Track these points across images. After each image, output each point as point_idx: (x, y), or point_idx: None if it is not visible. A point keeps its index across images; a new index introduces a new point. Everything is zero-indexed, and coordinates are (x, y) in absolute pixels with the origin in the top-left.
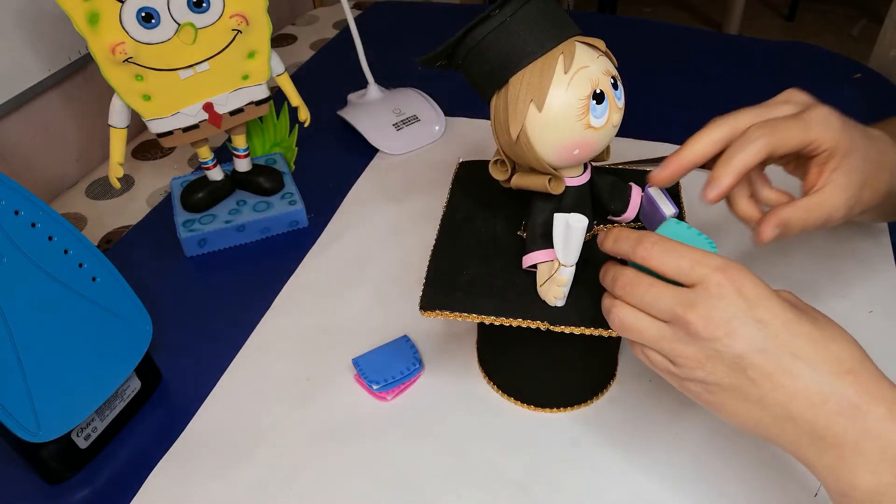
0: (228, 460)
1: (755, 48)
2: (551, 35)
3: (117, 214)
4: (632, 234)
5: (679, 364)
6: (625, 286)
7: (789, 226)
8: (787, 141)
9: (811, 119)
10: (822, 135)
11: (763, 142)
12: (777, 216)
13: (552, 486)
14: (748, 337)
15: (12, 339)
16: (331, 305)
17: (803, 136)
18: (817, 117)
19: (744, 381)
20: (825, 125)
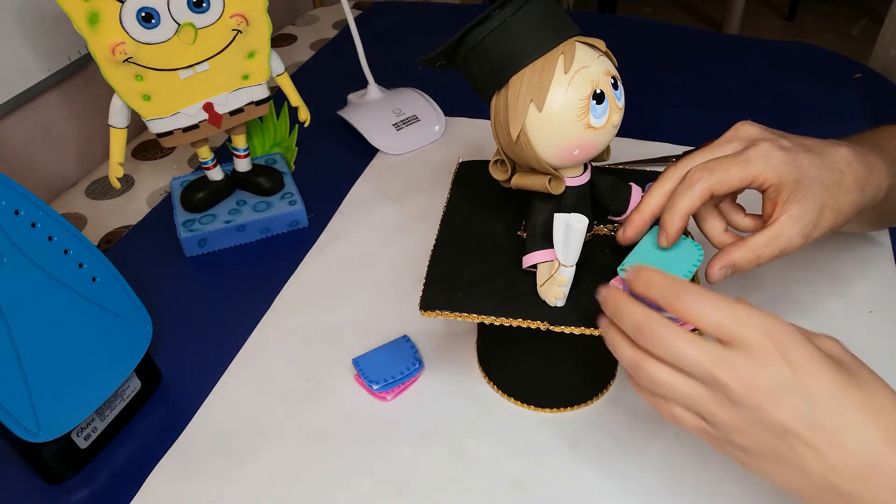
0: (228, 460)
1: (755, 48)
2: (551, 35)
3: (117, 214)
4: (666, 281)
5: (715, 426)
6: (653, 338)
7: (737, 266)
8: (726, 181)
9: (751, 157)
10: (764, 171)
11: (702, 185)
12: (724, 258)
13: (552, 486)
14: (793, 407)
15: (12, 339)
16: (331, 305)
17: (743, 175)
18: (757, 154)
19: (787, 450)
20: (766, 161)
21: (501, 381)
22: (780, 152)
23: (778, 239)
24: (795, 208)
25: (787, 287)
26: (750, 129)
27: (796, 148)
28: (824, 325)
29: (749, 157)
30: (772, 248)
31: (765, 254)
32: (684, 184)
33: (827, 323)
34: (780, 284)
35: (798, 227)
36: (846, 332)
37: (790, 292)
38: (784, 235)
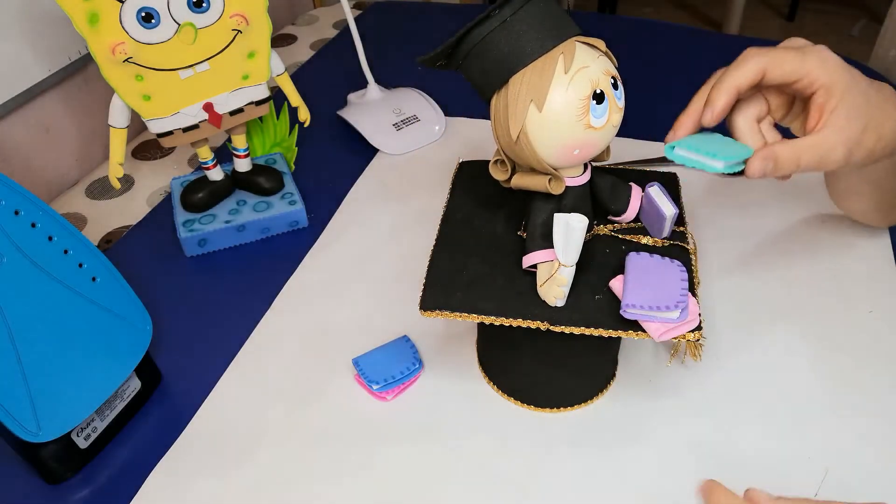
0: (228, 460)
1: None
2: (551, 35)
3: (117, 214)
4: None
5: None
6: None
7: (779, 162)
8: (780, 65)
9: (808, 52)
10: (818, 68)
11: (756, 61)
12: (768, 150)
13: (552, 486)
14: None
15: (12, 339)
16: (331, 305)
17: (798, 65)
18: (814, 51)
19: None
20: (821, 60)
21: (501, 381)
22: (836, 58)
23: (821, 145)
24: (841, 119)
25: (788, 287)
26: (804, 40)
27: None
28: (824, 325)
29: (806, 52)
30: (812, 152)
31: (804, 157)
32: (738, 61)
33: (827, 323)
34: (780, 284)
35: (842, 137)
36: (846, 332)
37: (790, 292)
38: (827, 142)
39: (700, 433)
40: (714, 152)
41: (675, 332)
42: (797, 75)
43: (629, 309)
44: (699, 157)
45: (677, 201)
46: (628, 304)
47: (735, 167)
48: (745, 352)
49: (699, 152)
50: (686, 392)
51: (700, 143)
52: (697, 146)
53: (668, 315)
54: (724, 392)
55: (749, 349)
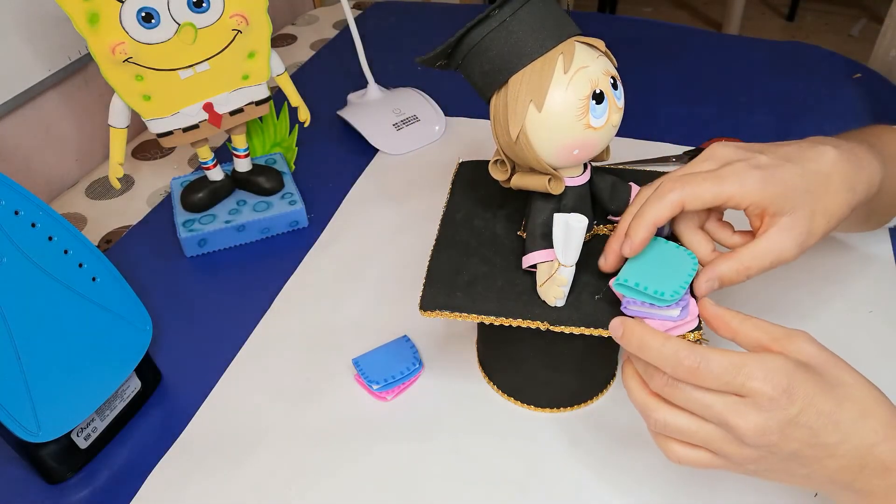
0: (228, 460)
1: (755, 48)
2: (551, 35)
3: (117, 214)
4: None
5: (727, 459)
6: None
7: (724, 279)
8: (699, 195)
9: (724, 175)
10: (738, 190)
11: (674, 196)
12: (711, 270)
13: (552, 486)
14: (800, 439)
15: (12, 339)
16: (331, 305)
17: (717, 191)
18: (730, 173)
19: (794, 465)
20: (740, 181)
21: (501, 381)
22: (755, 172)
23: (768, 250)
24: (785, 219)
25: (788, 287)
26: (724, 150)
27: (774, 162)
28: (824, 325)
29: (722, 175)
30: (761, 259)
31: (754, 266)
32: (656, 194)
33: (827, 323)
34: (780, 285)
35: (791, 236)
36: (846, 332)
37: (790, 293)
38: (775, 247)
39: None
40: (659, 289)
41: (674, 332)
42: (717, 201)
43: (630, 306)
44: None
45: None
46: (629, 302)
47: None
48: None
49: (647, 290)
50: None
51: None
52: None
53: (668, 313)
54: None
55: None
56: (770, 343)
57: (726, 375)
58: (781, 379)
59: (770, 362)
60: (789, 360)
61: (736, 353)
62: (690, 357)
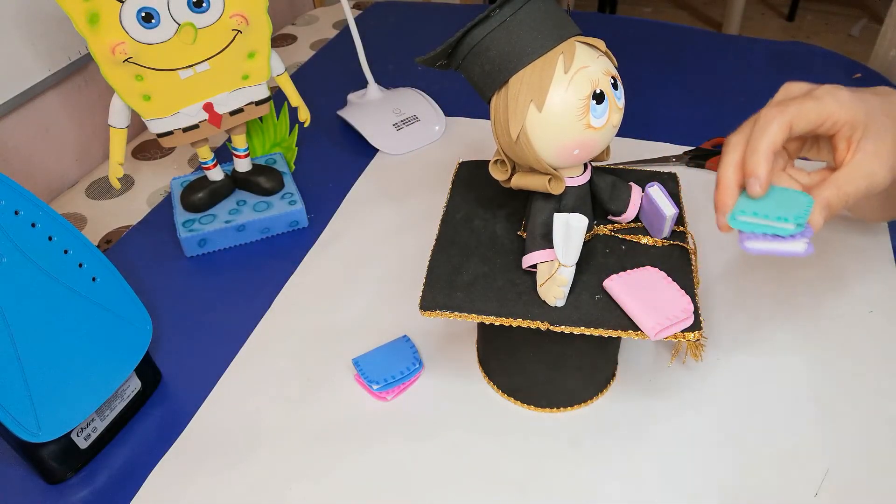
0: (228, 460)
1: (755, 48)
2: (551, 35)
3: (117, 214)
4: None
5: None
6: None
7: (832, 206)
8: (803, 116)
9: (821, 96)
10: (836, 108)
11: (780, 119)
12: (819, 201)
13: (552, 486)
14: None
15: (12, 339)
16: (331, 305)
17: (818, 110)
18: (826, 93)
19: None
20: (836, 99)
21: (501, 381)
22: (847, 92)
23: (862, 173)
24: (871, 145)
25: (788, 287)
26: (799, 84)
27: (859, 90)
28: (824, 325)
29: (818, 96)
30: (858, 183)
31: (851, 190)
32: (760, 125)
33: (827, 323)
34: (780, 285)
35: (879, 160)
36: (846, 332)
37: (790, 292)
38: (866, 168)
39: (700, 433)
40: (781, 215)
41: (670, 331)
42: (820, 120)
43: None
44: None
45: (677, 201)
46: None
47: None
48: (745, 351)
49: (768, 218)
50: (686, 392)
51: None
52: (758, 210)
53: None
54: (724, 392)
55: (749, 349)
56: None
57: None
58: None
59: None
60: None
61: None
62: None
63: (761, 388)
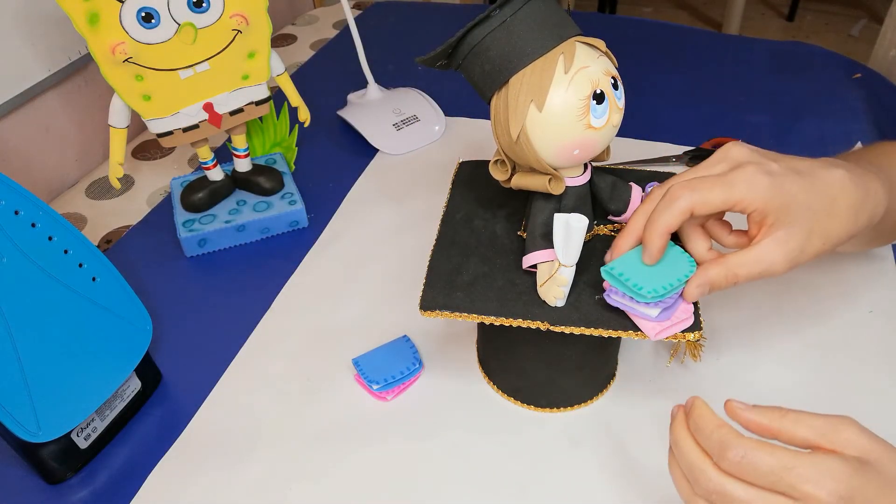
0: (228, 460)
1: (755, 48)
2: (551, 35)
3: (117, 214)
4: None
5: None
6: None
7: (714, 285)
8: (708, 201)
9: (734, 179)
10: (747, 195)
11: (682, 203)
12: (702, 276)
13: (552, 486)
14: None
15: (12, 339)
16: (331, 305)
17: (726, 196)
18: (741, 177)
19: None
20: (750, 186)
21: (501, 381)
22: (765, 177)
23: (758, 261)
24: (781, 233)
25: (788, 287)
26: (738, 151)
27: (784, 172)
28: (824, 325)
29: (732, 180)
30: (750, 269)
31: (742, 273)
32: (665, 200)
33: (827, 323)
34: (780, 284)
35: (783, 251)
36: (846, 332)
37: (790, 292)
38: (765, 258)
39: None
40: (641, 284)
41: (670, 332)
42: (726, 206)
43: (613, 295)
44: (628, 287)
45: None
46: (612, 291)
47: (670, 292)
48: (745, 352)
49: (628, 282)
50: (686, 392)
51: (636, 265)
52: (631, 272)
53: (646, 310)
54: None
55: (748, 349)
56: (817, 439)
57: (773, 475)
58: (837, 485)
59: (823, 464)
60: (845, 462)
61: (786, 452)
62: (735, 450)
63: (761, 387)
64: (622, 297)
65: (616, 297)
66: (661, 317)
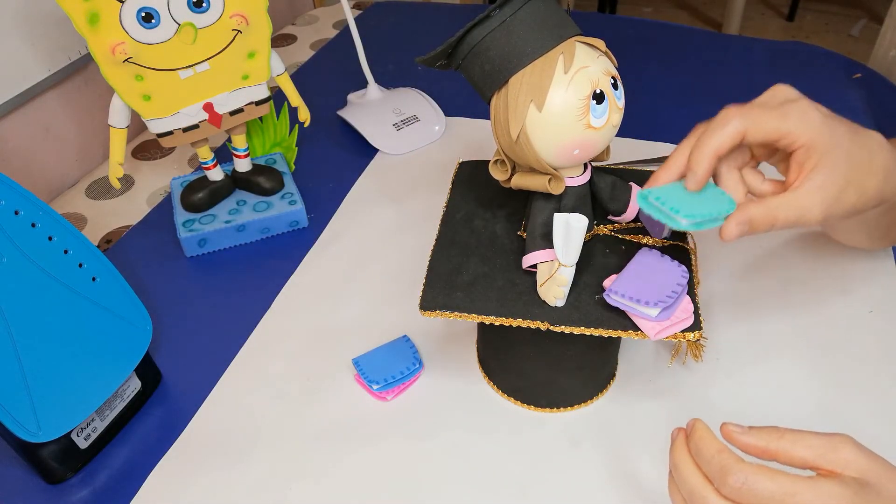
0: (228, 460)
1: (755, 48)
2: (551, 35)
3: (117, 214)
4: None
5: None
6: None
7: (754, 224)
8: (760, 126)
9: (789, 110)
10: (799, 127)
11: (735, 123)
12: (742, 213)
13: (552, 486)
14: None
15: (12, 339)
16: (331, 305)
17: (778, 125)
18: (796, 109)
19: None
20: (802, 118)
21: (501, 381)
22: (818, 115)
23: (797, 205)
24: (820, 178)
25: (787, 287)
26: (789, 90)
27: (834, 117)
28: (824, 324)
29: (787, 111)
30: (788, 212)
31: (781, 216)
32: (716, 121)
33: (827, 323)
34: (780, 284)
35: (819, 196)
36: (846, 332)
37: (790, 292)
38: (804, 202)
39: None
40: (678, 208)
41: (670, 331)
42: (778, 135)
43: (612, 295)
44: (664, 211)
45: None
46: (612, 291)
47: (707, 224)
48: (745, 351)
49: (664, 205)
50: (686, 392)
51: (674, 194)
52: (668, 198)
53: (645, 311)
54: (724, 392)
55: (749, 349)
56: (816, 460)
57: (774, 501)
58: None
59: (824, 488)
60: (846, 486)
61: (787, 477)
62: (736, 476)
63: (761, 388)
64: (622, 296)
65: (616, 296)
66: (661, 316)
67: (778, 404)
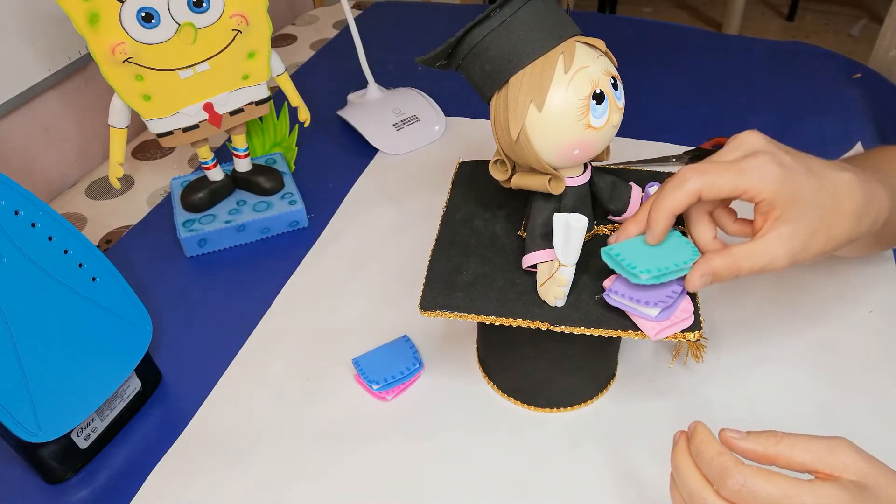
0: (228, 460)
1: (755, 48)
2: (551, 35)
3: (117, 214)
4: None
5: None
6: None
7: (717, 275)
8: (716, 185)
9: (746, 167)
10: (758, 184)
11: (691, 185)
12: (706, 265)
13: (552, 486)
14: None
15: (12, 339)
16: (331, 305)
17: (736, 183)
18: (754, 165)
19: None
20: (761, 175)
21: (501, 381)
22: (778, 168)
23: (761, 254)
24: (786, 228)
25: (788, 287)
26: (753, 140)
27: (796, 167)
28: (825, 325)
29: (744, 167)
30: (752, 261)
31: (745, 266)
32: (674, 181)
33: (827, 323)
34: (780, 284)
35: (786, 246)
36: (846, 332)
37: (790, 292)
38: (768, 252)
39: None
40: (636, 264)
41: (670, 331)
42: (736, 193)
43: (612, 295)
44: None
45: None
46: (612, 291)
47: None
48: (745, 352)
49: (623, 262)
50: (686, 392)
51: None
52: (628, 254)
53: (645, 311)
54: (724, 392)
55: (749, 349)
56: (814, 463)
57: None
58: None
59: (823, 491)
60: (845, 489)
61: (786, 480)
62: (735, 478)
63: (761, 388)
64: (622, 296)
65: (616, 296)
66: (661, 317)
67: (778, 404)
